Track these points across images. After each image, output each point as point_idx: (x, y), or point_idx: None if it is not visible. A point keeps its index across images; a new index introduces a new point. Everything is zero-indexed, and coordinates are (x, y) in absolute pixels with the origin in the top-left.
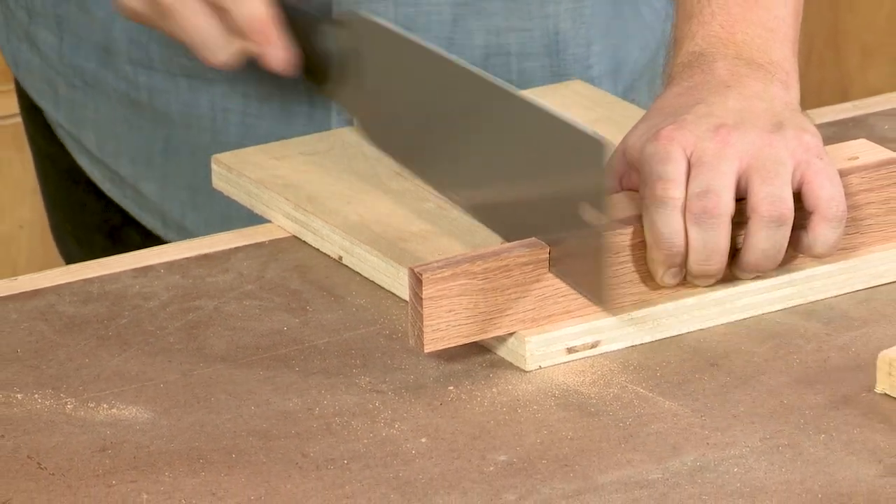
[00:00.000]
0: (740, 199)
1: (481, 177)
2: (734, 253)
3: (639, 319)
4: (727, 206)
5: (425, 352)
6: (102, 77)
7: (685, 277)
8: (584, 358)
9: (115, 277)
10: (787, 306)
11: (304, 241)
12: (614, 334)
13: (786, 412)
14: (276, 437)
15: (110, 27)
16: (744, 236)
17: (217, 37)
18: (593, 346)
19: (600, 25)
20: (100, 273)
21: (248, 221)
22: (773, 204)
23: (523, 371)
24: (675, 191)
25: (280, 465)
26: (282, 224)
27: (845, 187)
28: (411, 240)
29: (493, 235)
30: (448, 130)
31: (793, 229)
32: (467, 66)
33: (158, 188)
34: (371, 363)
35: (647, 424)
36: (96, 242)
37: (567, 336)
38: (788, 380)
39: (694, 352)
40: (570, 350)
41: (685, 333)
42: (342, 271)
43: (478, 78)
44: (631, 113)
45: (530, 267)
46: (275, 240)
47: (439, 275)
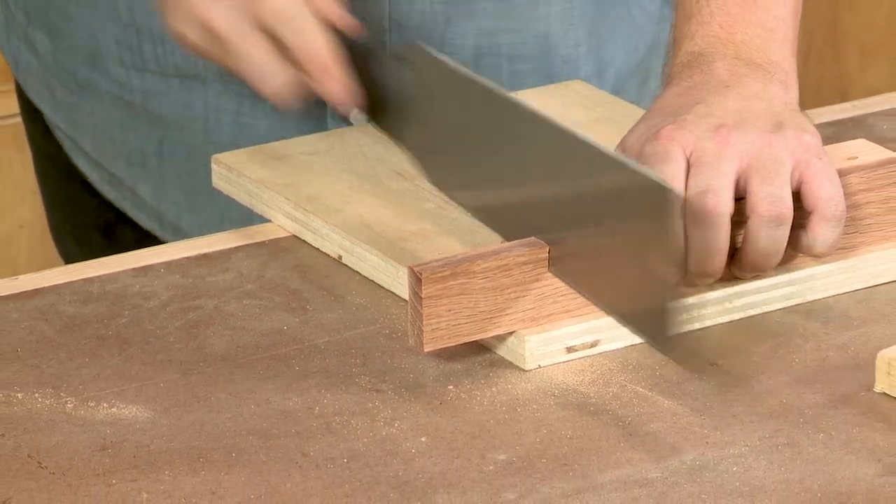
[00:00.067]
0: (740, 199)
1: (544, 221)
2: (734, 253)
3: None
4: (727, 205)
5: (425, 351)
6: (94, 81)
7: (685, 277)
8: (584, 357)
9: (115, 277)
10: (787, 306)
11: (304, 241)
12: (613, 333)
13: (785, 411)
14: (276, 436)
15: (97, 33)
16: (743, 236)
17: (275, 69)
18: (593, 345)
19: (586, 26)
20: (100, 273)
21: (244, 222)
22: (772, 204)
23: (523, 370)
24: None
25: (280, 464)
26: (282, 224)
27: (844, 187)
28: (411, 239)
29: (492, 235)
30: (509, 171)
31: (792, 229)
32: (528, 105)
33: (154, 190)
34: (371, 362)
35: (647, 423)
36: (93, 240)
37: (566, 335)
38: (787, 379)
39: (693, 351)
40: (570, 349)
41: (685, 333)
42: (342, 271)
43: (540, 118)
44: (631, 113)
45: (530, 266)
46: (275, 239)
47: (439, 274)
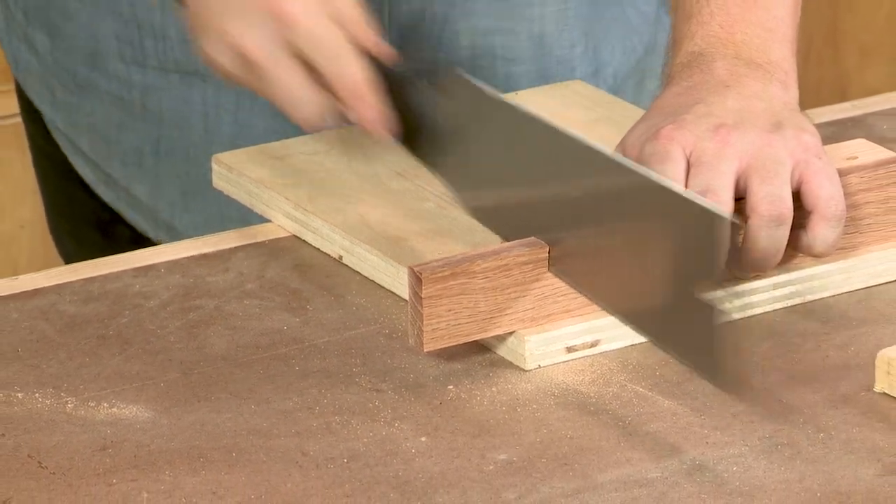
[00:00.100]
0: (739, 199)
1: (587, 248)
2: (734, 253)
3: None
4: (726, 205)
5: (425, 351)
6: (94, 80)
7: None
8: (584, 357)
9: (115, 277)
10: (786, 305)
11: (305, 241)
12: (614, 333)
13: (784, 411)
14: (277, 435)
15: (97, 31)
16: (743, 236)
17: (310, 97)
18: (593, 345)
19: (581, 27)
20: (100, 272)
21: (240, 222)
22: (772, 203)
23: (523, 370)
24: None
25: (280, 463)
26: (282, 224)
27: (844, 187)
28: (411, 239)
29: (492, 235)
30: (552, 200)
31: (792, 229)
32: (572, 133)
33: (150, 190)
34: (371, 362)
35: (647, 423)
36: (90, 238)
37: (566, 335)
38: (787, 379)
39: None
40: (570, 349)
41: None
42: (342, 271)
43: (584, 146)
44: (630, 113)
45: (530, 266)
46: (275, 239)
47: (439, 274)
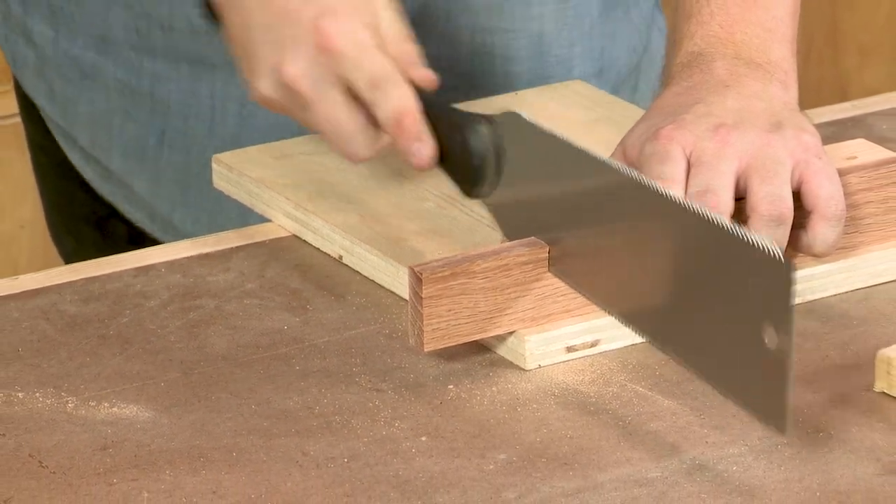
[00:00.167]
0: (739, 199)
1: (646, 291)
2: None
3: None
4: (727, 205)
5: (425, 351)
6: (101, 66)
7: None
8: (584, 357)
9: (116, 276)
10: None
11: (305, 241)
12: (614, 333)
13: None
14: (277, 435)
15: (105, 16)
16: None
17: (359, 131)
18: (593, 344)
19: (583, 27)
20: (101, 272)
21: (239, 219)
22: (772, 203)
23: (523, 370)
24: (675, 190)
25: (280, 463)
26: (282, 223)
27: (844, 187)
28: (411, 239)
29: (492, 235)
30: (605, 240)
31: (792, 229)
32: (625, 168)
33: (149, 184)
34: (371, 362)
35: (646, 423)
36: (87, 235)
37: (566, 335)
38: None
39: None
40: (570, 349)
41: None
42: (342, 270)
43: (638, 184)
44: (630, 113)
45: (530, 266)
46: (275, 239)
47: (439, 274)
